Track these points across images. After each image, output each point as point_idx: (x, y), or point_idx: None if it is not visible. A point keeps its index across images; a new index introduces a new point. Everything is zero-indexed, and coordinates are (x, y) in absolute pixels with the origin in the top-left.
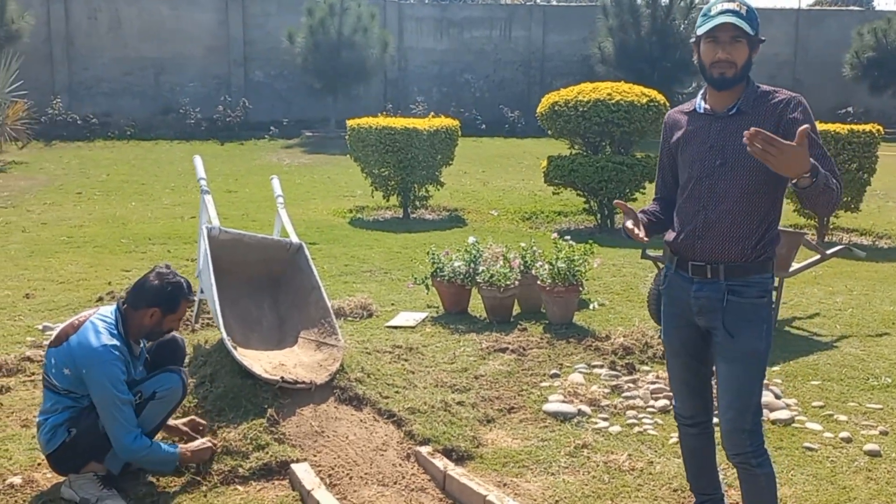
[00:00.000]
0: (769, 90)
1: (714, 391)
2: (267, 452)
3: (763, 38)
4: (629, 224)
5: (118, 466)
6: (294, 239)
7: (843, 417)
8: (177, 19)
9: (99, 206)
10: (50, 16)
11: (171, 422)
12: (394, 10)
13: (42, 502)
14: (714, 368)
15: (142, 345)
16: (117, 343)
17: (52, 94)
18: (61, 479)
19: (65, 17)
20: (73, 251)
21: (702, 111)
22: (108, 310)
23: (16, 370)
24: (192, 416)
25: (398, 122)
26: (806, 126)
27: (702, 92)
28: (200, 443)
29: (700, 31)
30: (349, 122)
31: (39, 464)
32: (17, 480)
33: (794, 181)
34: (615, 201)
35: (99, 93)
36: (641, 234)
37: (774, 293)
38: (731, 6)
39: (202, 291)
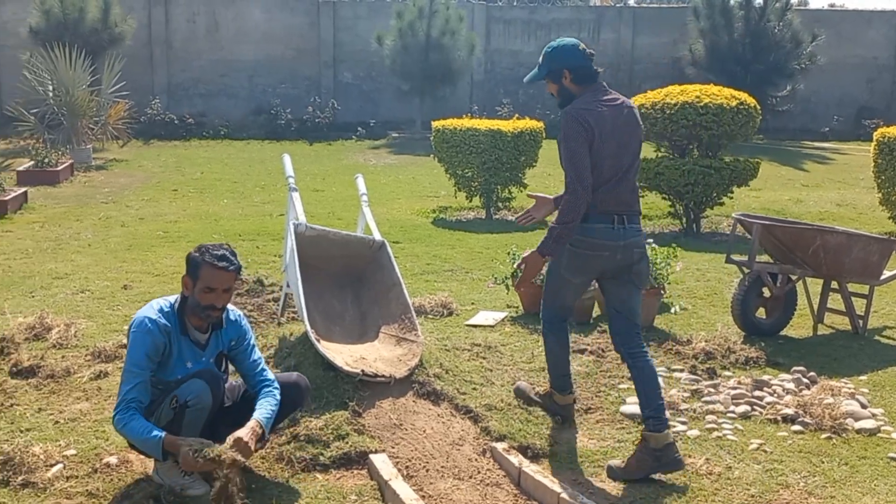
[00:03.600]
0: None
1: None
2: (347, 442)
3: (570, 68)
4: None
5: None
6: (377, 236)
7: None
8: (270, 22)
9: (193, 203)
10: (151, 19)
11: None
12: (482, 13)
13: (135, 481)
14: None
15: (212, 334)
16: (160, 319)
17: (151, 94)
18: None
19: (165, 20)
20: (168, 245)
21: None
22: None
23: (113, 356)
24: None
25: (482, 124)
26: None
27: None
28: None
29: None
30: (434, 124)
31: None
32: (113, 460)
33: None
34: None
35: (195, 94)
36: (525, 222)
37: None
38: (539, 59)
39: (288, 285)
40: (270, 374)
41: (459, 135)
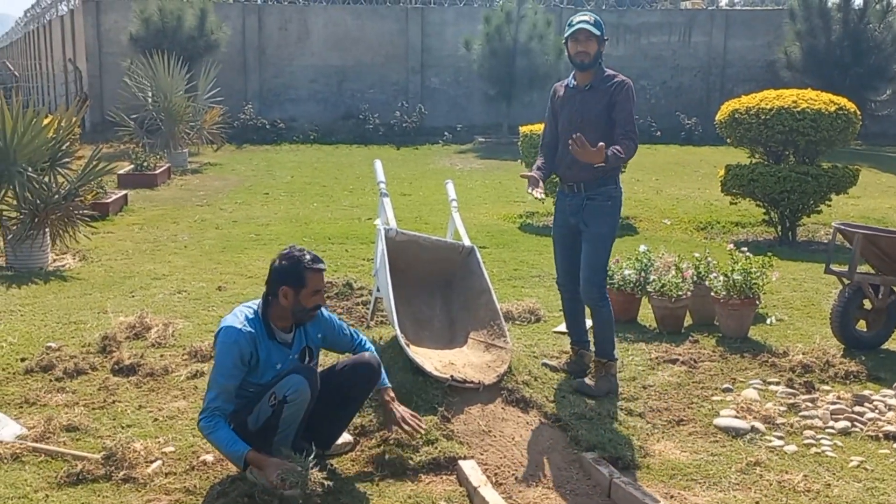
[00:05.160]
0: (612, 74)
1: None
2: (436, 447)
3: (607, 38)
4: (531, 190)
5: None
6: (466, 242)
7: None
8: (360, 29)
9: (283, 207)
10: (245, 27)
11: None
12: (569, 17)
13: (231, 480)
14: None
15: (296, 332)
16: (245, 328)
17: (244, 100)
18: None
19: (258, 27)
20: (260, 248)
21: (572, 87)
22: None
23: (209, 356)
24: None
25: None
26: (601, 144)
27: (572, 74)
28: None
29: (567, 34)
30: (522, 129)
31: None
32: (209, 458)
33: (595, 165)
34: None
35: (286, 99)
36: (539, 195)
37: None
38: (586, 17)
39: (378, 290)
40: (361, 335)
41: None
